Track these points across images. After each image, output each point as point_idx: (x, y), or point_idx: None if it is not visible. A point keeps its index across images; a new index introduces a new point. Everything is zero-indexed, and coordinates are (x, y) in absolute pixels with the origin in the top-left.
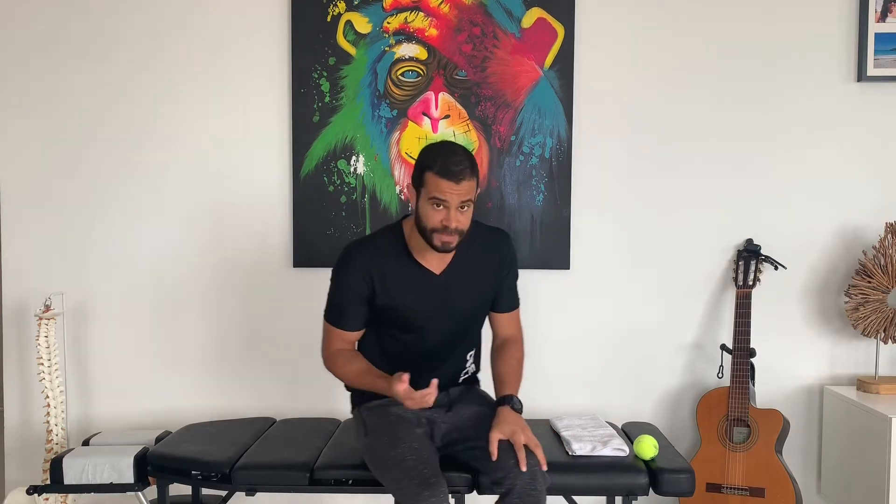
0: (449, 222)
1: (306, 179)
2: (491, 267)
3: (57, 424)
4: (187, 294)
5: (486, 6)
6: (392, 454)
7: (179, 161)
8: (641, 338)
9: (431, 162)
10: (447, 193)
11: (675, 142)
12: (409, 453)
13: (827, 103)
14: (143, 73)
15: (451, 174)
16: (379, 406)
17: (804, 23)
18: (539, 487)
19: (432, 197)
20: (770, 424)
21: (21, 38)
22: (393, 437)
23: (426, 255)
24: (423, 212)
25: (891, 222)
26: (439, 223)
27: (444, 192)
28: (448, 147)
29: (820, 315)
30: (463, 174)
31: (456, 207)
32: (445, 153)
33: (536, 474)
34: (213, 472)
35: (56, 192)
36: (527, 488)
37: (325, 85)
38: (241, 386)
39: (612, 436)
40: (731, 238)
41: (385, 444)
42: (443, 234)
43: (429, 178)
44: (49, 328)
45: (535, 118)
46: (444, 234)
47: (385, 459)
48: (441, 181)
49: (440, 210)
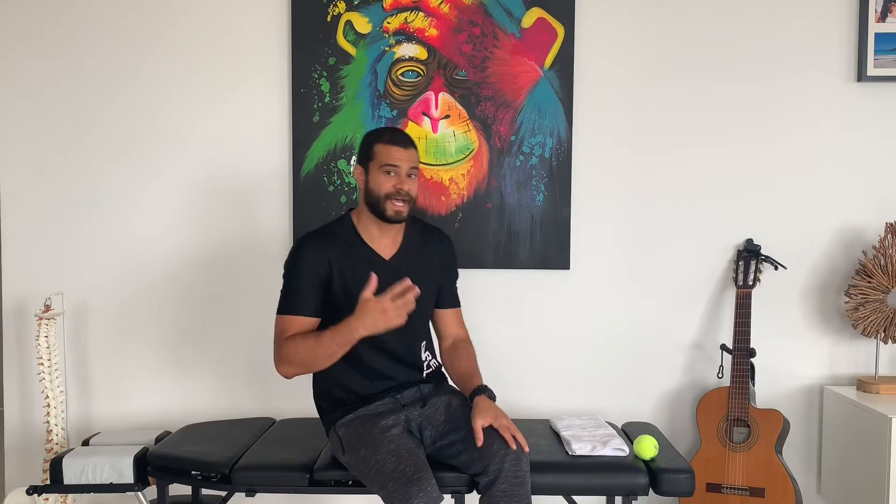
0: (401, 185)
1: (306, 179)
2: (435, 255)
3: (57, 424)
4: (187, 294)
5: (486, 6)
6: (372, 462)
7: (179, 161)
8: (641, 338)
9: (379, 135)
10: (397, 159)
11: (675, 142)
12: (388, 457)
13: (827, 103)
14: (142, 74)
15: (400, 141)
16: (353, 419)
17: (804, 23)
18: (525, 469)
19: (383, 165)
20: (770, 424)
21: (21, 38)
22: (370, 445)
23: (376, 241)
24: (376, 182)
25: (891, 222)
26: (392, 188)
27: (395, 158)
28: (389, 126)
29: (820, 315)
30: (409, 142)
31: (406, 173)
32: (389, 128)
33: (521, 456)
34: (212, 472)
35: (56, 191)
36: (514, 471)
37: (325, 85)
38: (241, 386)
39: (612, 436)
40: (731, 238)
41: (364, 455)
42: (395, 201)
43: (379, 149)
44: (49, 328)
45: (535, 118)
46: (397, 199)
47: (368, 470)
48: (391, 148)
49: (392, 177)
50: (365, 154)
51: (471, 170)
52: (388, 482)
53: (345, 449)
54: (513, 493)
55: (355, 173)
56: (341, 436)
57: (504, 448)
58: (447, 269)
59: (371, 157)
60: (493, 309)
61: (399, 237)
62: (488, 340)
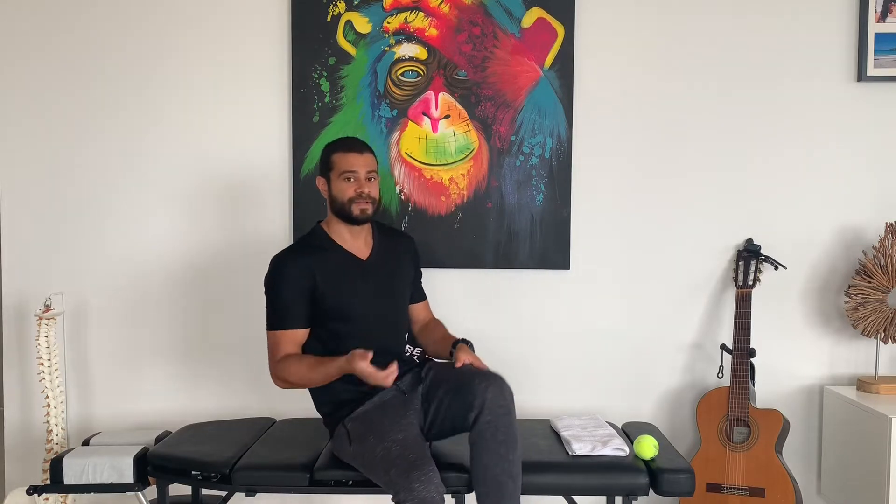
0: (361, 188)
1: (306, 179)
2: (405, 253)
3: (57, 424)
4: (187, 294)
5: (486, 6)
6: (379, 450)
7: (179, 161)
8: (641, 338)
9: (334, 146)
10: (355, 165)
11: (675, 142)
12: (394, 445)
13: (827, 103)
14: (142, 74)
15: (355, 147)
16: (362, 413)
17: (804, 23)
18: (508, 399)
19: (342, 172)
20: (770, 424)
21: (21, 38)
22: (379, 434)
23: (350, 244)
24: (338, 189)
25: (891, 222)
26: (354, 192)
27: (352, 164)
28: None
29: (820, 315)
30: (364, 147)
31: (364, 177)
32: (343, 139)
33: (503, 387)
34: (212, 472)
35: (56, 192)
36: (496, 401)
37: (325, 85)
38: (242, 386)
39: (612, 436)
40: (731, 238)
41: (372, 443)
42: (359, 202)
43: (336, 158)
44: (49, 328)
45: (535, 118)
46: (360, 200)
47: (374, 457)
48: (348, 155)
49: (352, 182)
50: (325, 165)
51: (471, 170)
52: (391, 468)
53: (352, 440)
54: (497, 423)
55: (319, 185)
56: (350, 429)
57: (485, 382)
58: (416, 267)
59: (331, 167)
60: (492, 309)
61: (370, 239)
62: (487, 340)
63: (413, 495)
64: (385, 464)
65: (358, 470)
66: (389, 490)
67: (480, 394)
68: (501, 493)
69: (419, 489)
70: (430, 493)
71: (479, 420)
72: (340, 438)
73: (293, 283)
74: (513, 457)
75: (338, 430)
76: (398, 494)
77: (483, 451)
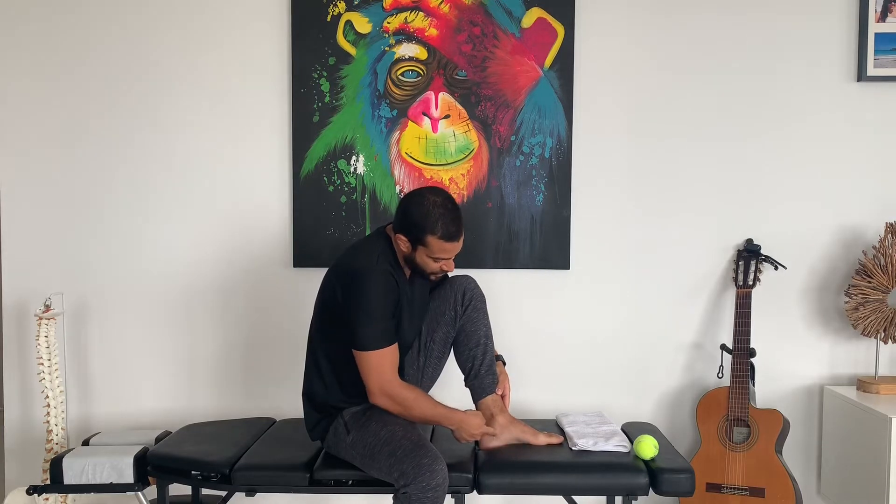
0: (449, 268)
1: (306, 179)
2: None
3: (57, 424)
4: (187, 294)
5: (486, 6)
6: (383, 433)
7: (179, 161)
8: (641, 338)
9: (433, 227)
10: (449, 252)
11: (675, 142)
12: (398, 428)
13: (827, 103)
14: (142, 74)
15: (455, 236)
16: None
17: (804, 23)
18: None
19: (435, 256)
20: (770, 424)
21: (20, 38)
22: (380, 420)
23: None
24: (422, 261)
25: (891, 222)
26: (438, 269)
27: (448, 251)
28: (443, 205)
29: (820, 315)
30: (461, 232)
31: (452, 258)
32: (445, 217)
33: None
34: (212, 472)
35: (56, 191)
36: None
37: (325, 85)
38: (242, 386)
39: (614, 432)
40: (731, 238)
41: (374, 428)
42: (438, 274)
43: (432, 242)
44: (49, 328)
45: (535, 118)
46: (440, 273)
47: (377, 441)
48: (445, 244)
49: (440, 262)
50: (415, 237)
51: (471, 170)
52: (397, 449)
53: (350, 429)
54: (481, 297)
55: (398, 241)
56: (347, 420)
57: (456, 281)
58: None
59: (422, 244)
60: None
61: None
62: None
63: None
64: (389, 446)
65: (355, 466)
66: (392, 476)
67: (459, 286)
68: (488, 352)
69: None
70: (437, 481)
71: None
72: (337, 432)
73: (388, 297)
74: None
75: (334, 424)
76: (403, 478)
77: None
